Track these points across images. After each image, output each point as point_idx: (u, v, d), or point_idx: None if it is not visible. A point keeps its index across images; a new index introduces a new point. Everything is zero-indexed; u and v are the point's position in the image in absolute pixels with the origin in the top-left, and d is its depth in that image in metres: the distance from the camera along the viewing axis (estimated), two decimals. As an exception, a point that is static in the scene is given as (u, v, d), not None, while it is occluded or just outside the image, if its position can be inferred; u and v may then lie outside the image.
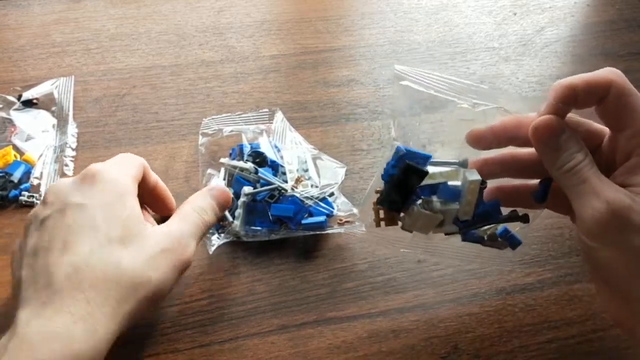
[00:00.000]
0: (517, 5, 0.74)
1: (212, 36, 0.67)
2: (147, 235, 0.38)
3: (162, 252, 0.38)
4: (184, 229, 0.40)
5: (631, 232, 0.32)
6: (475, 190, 0.39)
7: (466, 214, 0.40)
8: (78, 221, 0.36)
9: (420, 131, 0.58)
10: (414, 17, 0.71)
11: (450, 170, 0.41)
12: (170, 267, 0.38)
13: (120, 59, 0.64)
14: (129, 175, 0.40)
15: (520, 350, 0.44)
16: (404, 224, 0.41)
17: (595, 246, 0.34)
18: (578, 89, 0.35)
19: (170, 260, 0.38)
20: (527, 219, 0.42)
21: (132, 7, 0.70)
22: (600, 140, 0.39)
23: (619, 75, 0.35)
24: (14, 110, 0.57)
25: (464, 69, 0.65)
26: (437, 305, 0.46)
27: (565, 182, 0.35)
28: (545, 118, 0.35)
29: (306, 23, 0.69)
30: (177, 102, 0.59)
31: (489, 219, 0.41)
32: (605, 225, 0.33)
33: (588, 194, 0.34)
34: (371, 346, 0.43)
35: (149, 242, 0.37)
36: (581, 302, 0.46)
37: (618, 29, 0.70)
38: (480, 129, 0.40)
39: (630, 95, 0.35)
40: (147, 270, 0.36)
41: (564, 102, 0.35)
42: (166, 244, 0.38)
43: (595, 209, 0.33)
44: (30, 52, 0.64)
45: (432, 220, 0.40)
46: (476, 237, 0.42)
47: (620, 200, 0.33)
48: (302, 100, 0.60)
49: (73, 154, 0.54)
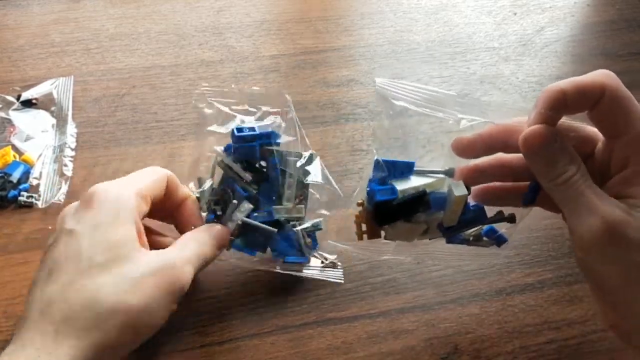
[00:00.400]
0: (517, 5, 0.74)
1: (211, 36, 0.67)
2: (135, 259, 0.36)
3: (150, 276, 0.35)
4: (181, 254, 0.38)
5: (628, 248, 0.31)
6: (461, 203, 0.39)
7: (451, 221, 0.40)
8: (64, 249, 0.36)
9: (419, 132, 0.58)
10: (414, 17, 0.71)
11: (435, 181, 0.40)
12: (157, 291, 0.35)
13: (120, 58, 0.64)
14: (132, 191, 0.38)
15: (521, 351, 0.43)
16: (387, 234, 0.40)
17: (591, 259, 0.33)
18: (568, 95, 0.33)
19: (158, 284, 0.36)
20: (513, 219, 0.41)
21: (132, 7, 0.70)
22: (593, 146, 0.37)
23: (612, 77, 0.33)
24: (13, 111, 0.57)
25: (464, 69, 0.65)
26: (437, 306, 0.46)
27: (558, 196, 0.33)
28: (535, 128, 0.33)
29: (306, 23, 0.69)
30: (176, 102, 0.59)
31: (474, 223, 0.41)
32: (601, 242, 0.31)
33: (582, 209, 0.32)
34: (371, 347, 0.43)
35: (135, 265, 0.35)
36: (582, 303, 0.46)
37: (618, 29, 0.70)
38: (468, 138, 0.38)
39: (625, 99, 0.33)
40: (127, 295, 0.34)
41: (554, 110, 0.33)
42: (156, 267, 0.36)
43: (590, 225, 0.31)
44: (30, 52, 0.64)
45: (415, 230, 0.40)
46: (461, 239, 0.42)
47: (616, 216, 0.31)
48: (301, 100, 0.60)
49: (72, 154, 0.54)
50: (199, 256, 0.39)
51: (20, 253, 0.47)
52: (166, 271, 0.36)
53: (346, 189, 0.53)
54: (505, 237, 0.42)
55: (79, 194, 0.51)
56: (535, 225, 0.51)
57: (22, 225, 0.49)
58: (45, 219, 0.49)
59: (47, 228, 0.49)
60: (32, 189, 0.51)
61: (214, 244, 0.41)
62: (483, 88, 0.63)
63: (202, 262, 0.40)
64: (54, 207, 0.50)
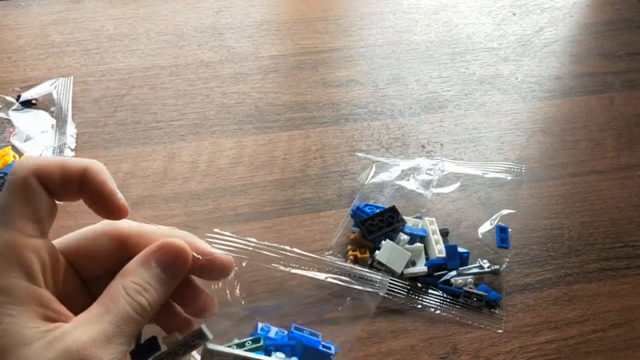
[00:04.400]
0: (516, 5, 0.74)
1: (211, 37, 0.67)
2: (21, 357, 0.23)
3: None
4: (97, 330, 0.24)
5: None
6: None
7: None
8: None
9: (419, 131, 0.58)
10: (413, 17, 0.71)
11: None
12: None
13: (120, 59, 0.64)
14: (23, 234, 0.24)
15: (520, 351, 0.43)
16: (377, 255, 0.46)
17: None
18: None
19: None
20: (498, 271, 0.46)
21: (131, 8, 0.70)
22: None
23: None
24: (13, 111, 0.57)
25: (463, 69, 0.65)
26: (437, 306, 0.46)
27: None
28: None
29: (305, 23, 0.69)
30: (176, 103, 0.59)
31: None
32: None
33: None
34: (371, 347, 0.43)
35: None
36: (581, 303, 0.46)
37: (617, 29, 0.70)
38: None
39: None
40: None
41: None
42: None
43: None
44: (30, 53, 0.64)
45: (402, 255, 0.45)
46: (453, 289, 0.45)
47: None
48: (301, 101, 0.60)
49: (72, 154, 0.54)
50: (133, 317, 0.25)
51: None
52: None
53: (345, 189, 0.53)
54: (498, 295, 0.46)
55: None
56: (534, 225, 0.51)
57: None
58: (45, 219, 0.49)
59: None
60: (31, 190, 0.51)
61: (161, 278, 0.27)
62: (482, 88, 0.63)
63: (142, 320, 0.26)
64: (54, 208, 0.50)
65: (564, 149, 0.57)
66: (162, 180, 0.53)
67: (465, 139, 0.58)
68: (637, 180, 0.55)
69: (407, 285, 0.45)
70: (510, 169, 0.54)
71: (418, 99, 0.61)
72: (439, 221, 0.49)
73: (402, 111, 0.60)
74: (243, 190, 0.52)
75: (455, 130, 0.58)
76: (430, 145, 0.57)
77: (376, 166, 0.53)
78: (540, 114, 0.60)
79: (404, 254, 0.45)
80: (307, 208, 0.51)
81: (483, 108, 0.61)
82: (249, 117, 0.59)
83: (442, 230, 0.48)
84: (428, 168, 0.53)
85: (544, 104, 0.61)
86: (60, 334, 0.24)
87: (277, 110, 0.59)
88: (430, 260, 0.46)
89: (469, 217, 0.51)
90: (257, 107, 0.59)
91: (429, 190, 0.52)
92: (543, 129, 0.59)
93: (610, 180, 0.55)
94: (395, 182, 0.52)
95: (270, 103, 0.60)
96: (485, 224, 0.50)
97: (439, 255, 0.46)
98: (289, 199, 0.52)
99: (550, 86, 0.63)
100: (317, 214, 0.51)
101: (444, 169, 0.53)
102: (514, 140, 0.58)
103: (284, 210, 0.51)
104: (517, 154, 0.56)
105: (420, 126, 0.59)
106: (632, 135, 0.59)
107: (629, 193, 0.54)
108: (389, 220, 0.47)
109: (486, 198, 0.52)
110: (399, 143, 0.57)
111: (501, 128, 0.59)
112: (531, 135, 0.58)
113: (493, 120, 0.60)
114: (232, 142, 0.56)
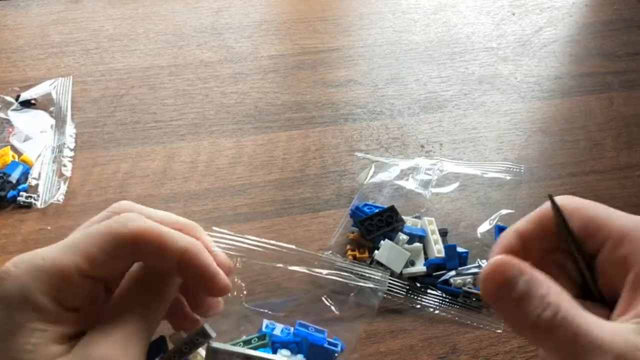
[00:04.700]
0: (515, 5, 0.74)
1: (210, 36, 0.67)
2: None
3: None
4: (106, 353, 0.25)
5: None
6: None
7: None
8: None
9: (418, 131, 0.58)
10: (413, 17, 0.71)
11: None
12: None
13: (119, 59, 0.64)
14: (44, 266, 0.27)
15: (519, 351, 0.43)
16: (376, 255, 0.45)
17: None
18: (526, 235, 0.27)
19: None
20: None
21: (131, 8, 0.70)
22: (601, 241, 0.27)
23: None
24: (12, 111, 0.57)
25: (462, 69, 0.65)
26: (436, 306, 0.46)
27: (546, 342, 0.23)
28: (491, 266, 0.24)
29: (304, 23, 0.69)
30: (175, 103, 0.59)
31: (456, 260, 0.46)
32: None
33: (584, 352, 0.22)
34: (369, 347, 0.43)
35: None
36: (580, 302, 0.46)
37: (616, 29, 0.70)
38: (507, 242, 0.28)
39: (593, 214, 0.26)
40: None
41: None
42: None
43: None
44: (29, 53, 0.64)
45: (402, 254, 0.45)
46: (452, 289, 0.45)
47: (635, 349, 0.22)
48: (300, 101, 0.60)
49: (71, 154, 0.54)
50: (136, 333, 0.26)
51: (19, 253, 0.47)
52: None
53: (344, 189, 0.53)
54: None
55: (77, 194, 0.51)
56: (533, 225, 0.51)
57: (21, 225, 0.49)
58: (44, 219, 0.49)
59: (46, 228, 0.49)
60: (31, 190, 0.51)
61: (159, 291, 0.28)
62: (481, 88, 0.63)
63: (150, 329, 0.27)
64: (53, 208, 0.50)
65: (563, 148, 0.57)
66: (162, 180, 0.53)
67: (465, 138, 0.58)
68: (636, 180, 0.55)
69: (406, 285, 0.45)
70: (509, 169, 0.54)
71: (417, 98, 0.62)
72: (438, 221, 0.49)
73: (401, 111, 0.60)
74: (242, 190, 0.52)
75: (455, 130, 0.58)
76: (430, 145, 0.57)
77: (375, 166, 0.53)
78: (540, 114, 0.60)
79: (403, 253, 0.45)
80: (306, 208, 0.51)
81: (482, 108, 0.61)
82: (248, 117, 0.59)
83: (441, 230, 0.48)
84: (427, 168, 0.53)
85: (543, 103, 0.61)
86: (82, 344, 0.25)
87: (277, 110, 0.59)
88: (430, 260, 0.46)
89: (468, 217, 0.51)
90: (257, 107, 0.59)
91: (428, 190, 0.52)
92: (542, 129, 0.59)
93: (609, 180, 0.55)
94: (395, 182, 0.52)
95: (269, 103, 0.60)
96: (484, 224, 0.50)
97: (438, 255, 0.46)
98: (288, 199, 0.52)
99: (549, 86, 0.63)
100: (316, 214, 0.51)
101: (443, 169, 0.53)
102: (513, 140, 0.58)
103: (283, 210, 0.51)
104: (516, 154, 0.56)
105: (419, 126, 0.59)
106: (631, 135, 0.59)
107: (628, 193, 0.54)
108: (388, 220, 0.47)
109: (485, 198, 0.52)
110: (398, 143, 0.57)
111: (500, 128, 0.59)
112: (530, 135, 0.58)
113: (492, 120, 0.60)
114: (232, 142, 0.56)
